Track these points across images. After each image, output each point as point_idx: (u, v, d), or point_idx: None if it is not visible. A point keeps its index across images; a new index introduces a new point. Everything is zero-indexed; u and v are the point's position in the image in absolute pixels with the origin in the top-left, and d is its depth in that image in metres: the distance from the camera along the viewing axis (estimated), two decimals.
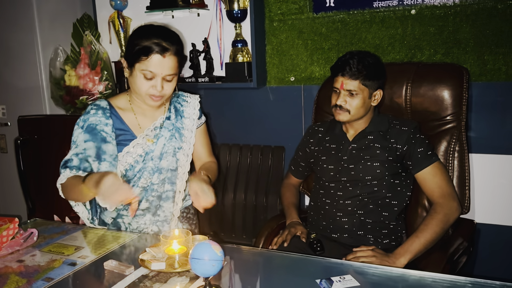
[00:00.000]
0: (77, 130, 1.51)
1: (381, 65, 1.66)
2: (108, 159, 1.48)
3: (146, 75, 1.43)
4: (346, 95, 1.62)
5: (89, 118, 1.50)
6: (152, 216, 1.58)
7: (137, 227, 1.59)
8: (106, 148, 1.49)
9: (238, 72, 2.33)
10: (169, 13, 2.50)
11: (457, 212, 1.57)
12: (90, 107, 1.54)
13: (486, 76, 1.96)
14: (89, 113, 1.51)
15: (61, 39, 2.68)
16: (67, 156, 1.47)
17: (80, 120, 1.52)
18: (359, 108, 1.63)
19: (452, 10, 1.97)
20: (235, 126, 2.55)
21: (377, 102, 1.66)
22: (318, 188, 1.78)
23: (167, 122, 1.58)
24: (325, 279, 1.09)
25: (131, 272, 1.16)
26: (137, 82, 1.45)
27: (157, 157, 1.55)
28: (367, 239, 1.64)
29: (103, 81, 2.50)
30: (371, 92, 1.63)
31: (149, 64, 1.41)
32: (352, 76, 1.59)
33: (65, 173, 1.43)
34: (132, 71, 1.46)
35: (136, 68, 1.43)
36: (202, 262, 0.99)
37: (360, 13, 2.14)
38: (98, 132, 1.49)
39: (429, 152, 1.61)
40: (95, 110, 1.52)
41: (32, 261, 1.26)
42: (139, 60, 1.42)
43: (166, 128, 1.57)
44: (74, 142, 1.50)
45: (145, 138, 1.54)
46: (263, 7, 2.34)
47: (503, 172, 1.99)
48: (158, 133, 1.56)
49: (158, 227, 1.60)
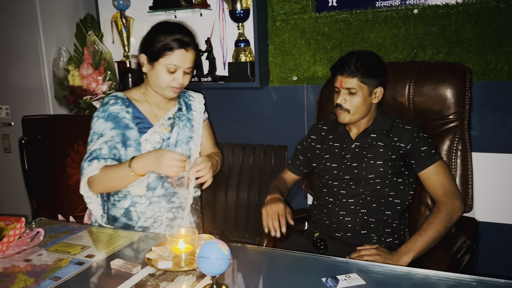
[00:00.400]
0: (98, 120, 1.54)
1: (380, 62, 1.67)
2: (133, 144, 1.54)
3: (170, 69, 1.52)
4: (345, 94, 1.63)
5: (109, 107, 1.54)
6: (167, 203, 1.63)
7: (152, 215, 1.61)
8: (130, 134, 1.54)
9: (241, 72, 2.33)
10: (172, 13, 2.51)
11: (460, 210, 1.57)
12: (107, 98, 1.57)
13: (489, 75, 1.96)
14: (108, 103, 1.55)
15: (64, 39, 2.69)
16: (91, 148, 1.50)
17: (99, 112, 1.55)
18: (359, 106, 1.63)
19: (455, 10, 1.97)
20: (238, 125, 2.56)
21: (378, 100, 1.67)
22: (321, 187, 1.78)
23: (179, 113, 1.69)
24: (330, 277, 1.10)
25: (138, 271, 1.17)
26: (160, 75, 1.54)
27: (173, 144, 1.64)
28: (370, 237, 1.64)
29: (106, 81, 2.51)
30: (371, 89, 1.63)
31: (174, 58, 1.51)
32: (351, 74, 1.61)
33: (93, 165, 1.47)
34: (154, 65, 1.54)
35: (160, 62, 1.52)
36: (209, 260, 1.00)
37: (363, 13, 2.15)
38: (121, 119, 1.54)
39: (432, 151, 1.62)
40: (114, 100, 1.56)
41: (39, 260, 1.27)
42: (164, 55, 1.51)
43: (179, 118, 1.67)
44: (96, 133, 1.52)
45: (161, 126, 1.62)
46: (265, 7, 2.35)
47: (505, 170, 2.00)
48: (172, 123, 1.65)
49: (173, 214, 1.65)
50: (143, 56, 1.56)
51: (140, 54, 1.57)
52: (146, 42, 1.56)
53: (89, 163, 1.48)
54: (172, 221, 1.65)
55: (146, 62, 1.56)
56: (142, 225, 1.61)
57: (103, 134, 1.51)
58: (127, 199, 1.59)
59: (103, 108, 1.55)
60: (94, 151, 1.49)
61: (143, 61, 1.57)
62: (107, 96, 1.59)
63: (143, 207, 1.60)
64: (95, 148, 1.50)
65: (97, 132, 1.52)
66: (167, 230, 1.63)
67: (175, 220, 1.66)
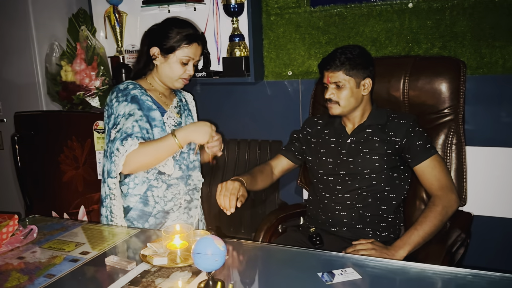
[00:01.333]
0: (121, 104, 1.54)
1: (366, 55, 1.67)
2: (158, 124, 1.58)
3: (184, 61, 1.60)
4: (333, 88, 1.64)
5: (130, 91, 1.56)
6: (185, 186, 1.68)
7: (172, 198, 1.64)
8: (154, 115, 1.58)
9: (236, 67, 2.32)
10: (165, 7, 2.49)
11: (455, 204, 1.58)
12: (124, 84, 1.59)
13: (483, 69, 1.97)
14: (128, 88, 1.57)
15: (57, 34, 2.67)
16: (122, 127, 1.49)
17: (119, 96, 1.55)
18: (348, 98, 1.64)
19: (449, 4, 1.97)
20: (233, 120, 2.55)
21: (367, 91, 1.67)
22: (316, 182, 1.78)
23: (181, 103, 1.76)
24: (326, 272, 1.10)
25: (133, 268, 1.16)
26: (174, 67, 1.61)
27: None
28: (366, 232, 1.65)
29: (99, 77, 2.49)
30: (358, 81, 1.63)
31: (189, 51, 1.60)
32: (336, 68, 1.62)
33: (128, 142, 1.46)
34: (168, 57, 1.60)
35: (176, 54, 1.59)
36: (205, 256, 1.00)
37: (358, 7, 2.14)
38: (144, 101, 1.57)
39: (428, 145, 1.62)
40: (132, 85, 1.59)
41: (33, 257, 1.26)
42: (179, 47, 1.59)
43: (182, 107, 1.75)
44: (123, 114, 1.52)
45: (173, 112, 1.67)
46: (260, 1, 2.34)
47: (499, 164, 2.01)
48: (179, 110, 1.72)
49: (190, 196, 1.70)
50: (155, 49, 1.61)
51: (152, 47, 1.61)
52: (159, 36, 1.60)
53: (123, 141, 1.47)
54: (189, 203, 1.71)
55: (159, 55, 1.61)
56: (162, 209, 1.62)
57: (131, 114, 1.52)
58: (144, 183, 1.59)
59: (122, 92, 1.56)
60: (125, 130, 1.49)
61: (155, 53, 1.61)
62: (120, 84, 1.60)
63: (160, 191, 1.61)
64: (126, 126, 1.49)
65: (123, 114, 1.52)
66: (185, 213, 1.69)
67: (192, 202, 1.72)
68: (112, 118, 1.54)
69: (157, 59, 1.62)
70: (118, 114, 1.53)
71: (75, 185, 2.31)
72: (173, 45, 1.59)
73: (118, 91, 1.57)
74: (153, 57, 1.62)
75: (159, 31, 1.62)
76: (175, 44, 1.59)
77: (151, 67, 1.66)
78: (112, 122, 1.54)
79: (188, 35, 1.60)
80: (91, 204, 2.27)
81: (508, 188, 2.00)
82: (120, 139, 1.48)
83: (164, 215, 1.63)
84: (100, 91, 2.48)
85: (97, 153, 2.26)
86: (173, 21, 1.65)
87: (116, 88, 1.59)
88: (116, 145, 1.48)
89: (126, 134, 1.48)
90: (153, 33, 1.64)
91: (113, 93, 1.58)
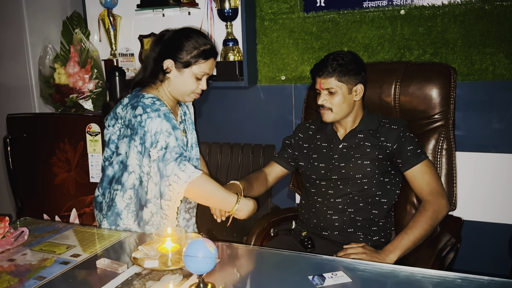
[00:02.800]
0: (155, 120, 1.44)
1: (358, 61, 1.69)
2: (180, 144, 1.50)
3: (199, 76, 1.54)
4: (326, 94, 1.65)
5: (160, 108, 1.47)
6: (185, 205, 1.65)
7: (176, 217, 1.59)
8: (177, 134, 1.50)
9: (229, 71, 2.33)
10: (160, 11, 2.50)
11: (445, 209, 1.59)
12: (149, 99, 1.48)
13: (474, 75, 1.99)
14: (155, 104, 1.48)
15: (51, 37, 2.66)
16: (169, 147, 1.42)
17: (150, 112, 1.45)
18: (341, 105, 1.65)
19: (441, 11, 2.00)
20: (226, 124, 2.56)
21: (359, 97, 1.68)
22: (308, 186, 1.79)
23: (185, 117, 1.70)
24: (317, 275, 1.11)
25: (124, 270, 1.17)
26: (188, 82, 1.54)
27: (190, 148, 1.66)
28: (357, 236, 1.66)
29: (93, 79, 2.49)
30: (350, 87, 1.65)
31: (206, 67, 1.54)
32: (328, 75, 1.63)
33: (188, 167, 1.40)
34: (183, 72, 1.53)
35: (192, 69, 1.53)
36: (196, 259, 1.00)
37: (350, 13, 2.16)
38: (171, 119, 1.50)
39: (419, 150, 1.64)
40: (157, 100, 1.50)
41: (24, 260, 1.25)
42: (197, 63, 1.52)
43: (186, 122, 1.69)
44: (160, 131, 1.43)
45: (180, 131, 1.60)
46: (254, 6, 2.35)
47: (489, 170, 2.03)
48: (184, 126, 1.67)
49: (189, 214, 1.68)
50: (170, 61, 1.52)
51: (166, 59, 1.52)
52: (174, 48, 1.52)
53: (180, 165, 1.40)
54: (188, 221, 1.68)
55: (174, 68, 1.53)
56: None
57: (170, 132, 1.45)
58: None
59: (151, 108, 1.46)
60: (172, 149, 1.42)
61: (169, 66, 1.53)
62: (144, 98, 1.49)
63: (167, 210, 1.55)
64: (173, 145, 1.43)
65: (161, 131, 1.44)
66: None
67: (190, 220, 1.69)
68: (147, 136, 1.44)
69: (170, 72, 1.54)
70: (155, 132, 1.43)
71: (67, 187, 2.30)
72: (190, 60, 1.51)
73: (145, 106, 1.46)
74: (166, 70, 1.53)
75: (174, 43, 1.53)
76: (192, 59, 1.51)
77: (161, 79, 1.56)
78: (149, 139, 1.43)
79: (206, 50, 1.53)
80: (83, 207, 2.26)
81: (498, 193, 2.02)
82: (176, 163, 1.40)
83: None
84: (93, 94, 2.48)
85: (90, 155, 2.25)
86: (189, 32, 1.56)
87: (141, 103, 1.47)
88: (172, 168, 1.40)
89: (177, 155, 1.41)
90: (167, 43, 1.55)
91: (137, 107, 1.47)
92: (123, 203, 1.53)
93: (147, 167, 1.46)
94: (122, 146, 1.53)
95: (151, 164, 1.44)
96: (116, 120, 1.54)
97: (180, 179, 1.39)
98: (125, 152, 1.52)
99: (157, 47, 1.56)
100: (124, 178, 1.52)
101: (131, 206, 1.53)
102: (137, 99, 1.49)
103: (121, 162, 1.54)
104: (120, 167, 1.55)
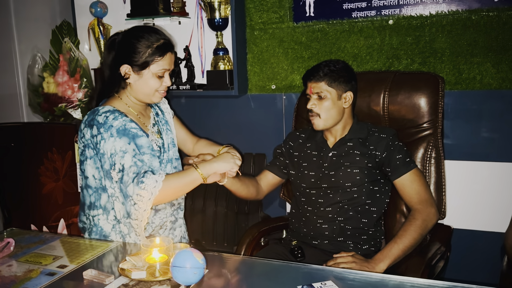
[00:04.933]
0: (108, 141, 1.40)
1: (349, 69, 1.72)
2: (147, 151, 1.46)
3: (159, 74, 1.49)
4: (315, 99, 1.67)
5: (111, 124, 1.42)
6: (170, 207, 1.61)
7: (159, 223, 1.57)
8: (141, 142, 1.45)
9: (220, 80, 2.33)
10: (150, 21, 2.50)
11: (435, 218, 1.60)
12: (102, 116, 1.43)
13: (461, 84, 2.01)
14: (108, 121, 1.42)
15: (40, 46, 2.65)
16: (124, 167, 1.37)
17: (102, 133, 1.41)
18: (329, 110, 1.66)
19: (428, 21, 2.02)
20: (217, 133, 2.55)
21: (348, 105, 1.69)
22: (299, 195, 1.79)
23: (158, 118, 1.66)
24: (306, 285, 1.10)
25: (111, 281, 1.15)
26: (150, 82, 1.50)
27: (167, 149, 1.62)
28: (347, 245, 1.65)
29: (82, 88, 2.48)
30: (340, 93, 1.66)
31: (164, 63, 1.49)
32: (319, 79, 1.65)
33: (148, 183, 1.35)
34: (142, 74, 1.48)
35: (150, 69, 1.48)
36: (184, 270, 0.99)
37: (339, 23, 2.18)
38: (128, 130, 1.43)
39: (407, 159, 1.64)
40: (111, 113, 1.44)
41: (9, 271, 1.23)
42: (154, 61, 1.47)
43: (160, 123, 1.65)
44: (115, 153, 1.39)
45: (153, 134, 1.59)
46: (244, 16, 2.36)
47: (477, 178, 2.04)
48: (158, 129, 1.62)
49: (174, 216, 1.64)
50: (126, 67, 1.47)
51: (122, 66, 1.47)
52: (127, 51, 1.47)
53: (139, 184, 1.35)
54: (174, 223, 1.65)
55: (132, 72, 1.48)
56: (149, 234, 1.55)
57: (125, 151, 1.39)
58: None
59: (104, 127, 1.41)
60: (129, 170, 1.37)
61: (127, 72, 1.48)
62: (97, 115, 1.44)
63: (150, 217, 1.54)
64: (129, 165, 1.38)
65: (115, 152, 1.39)
66: (170, 234, 1.63)
67: (176, 222, 1.66)
68: (104, 158, 1.41)
69: (130, 77, 1.49)
70: (110, 154, 1.40)
71: (55, 197, 2.28)
72: (146, 60, 1.46)
73: (98, 125, 1.42)
74: (125, 76, 1.48)
75: (126, 46, 1.47)
76: (148, 59, 1.46)
77: (123, 86, 1.52)
78: (107, 162, 1.41)
79: (159, 46, 1.47)
80: (71, 217, 2.23)
81: (487, 201, 2.04)
82: (134, 183, 1.35)
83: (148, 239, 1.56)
84: (82, 103, 2.47)
85: (78, 165, 2.24)
86: (139, 32, 1.49)
87: (96, 122, 1.43)
88: (132, 189, 1.35)
89: (135, 175, 1.36)
90: (119, 48, 1.49)
91: (92, 127, 1.43)
92: (109, 225, 1.52)
93: (111, 189, 1.46)
94: (88, 169, 1.50)
95: (114, 185, 1.44)
96: (81, 139, 1.49)
97: (143, 197, 1.36)
98: (92, 175, 1.49)
99: (111, 53, 1.51)
100: (103, 200, 1.50)
101: (117, 227, 1.52)
102: (92, 116, 1.45)
103: (89, 186, 1.51)
104: (88, 191, 1.52)
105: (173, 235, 1.65)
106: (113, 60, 1.50)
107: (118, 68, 1.48)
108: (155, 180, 1.36)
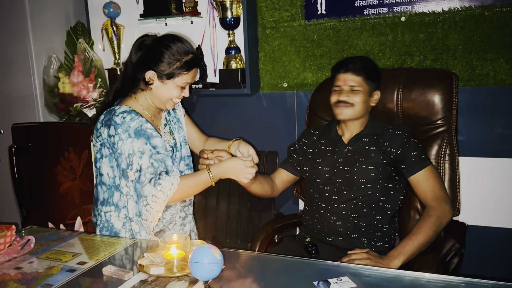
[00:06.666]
0: (126, 142, 1.43)
1: (378, 68, 1.76)
2: (161, 151, 1.48)
3: (182, 86, 1.54)
4: (348, 92, 1.66)
5: (129, 125, 1.44)
6: (180, 203, 1.65)
7: (170, 218, 1.61)
8: (156, 142, 1.48)
9: (232, 79, 2.35)
10: (162, 20, 2.52)
11: (449, 215, 1.60)
12: (119, 117, 1.45)
13: (475, 81, 2.00)
14: (125, 121, 1.45)
15: (55, 47, 2.69)
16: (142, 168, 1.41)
17: (121, 133, 1.44)
18: (362, 104, 1.67)
19: (441, 17, 2.01)
20: (229, 132, 2.56)
21: (375, 103, 1.71)
22: (312, 192, 1.80)
23: (169, 117, 1.70)
24: (322, 281, 1.11)
25: (130, 277, 1.17)
26: (171, 92, 1.53)
27: (179, 147, 1.66)
28: (361, 242, 1.66)
29: (97, 88, 2.51)
30: (371, 91, 1.68)
31: (189, 77, 1.53)
32: (356, 72, 1.66)
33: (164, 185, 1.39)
34: (166, 83, 1.52)
35: (175, 81, 1.52)
36: (202, 265, 1.01)
37: (351, 21, 2.18)
38: (144, 131, 1.46)
39: (422, 156, 1.64)
40: (128, 114, 1.46)
41: (30, 268, 1.26)
42: (180, 74, 1.51)
43: (172, 122, 1.69)
44: (133, 153, 1.42)
45: (166, 134, 1.63)
46: (255, 14, 2.37)
47: (491, 174, 2.03)
48: (170, 129, 1.67)
49: (184, 212, 1.68)
50: (151, 73, 1.50)
51: (148, 71, 1.50)
52: (155, 59, 1.49)
53: (156, 185, 1.39)
54: (184, 219, 1.69)
55: (156, 79, 1.51)
56: (159, 229, 1.59)
57: (142, 151, 1.42)
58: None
59: (121, 128, 1.44)
60: (146, 171, 1.40)
61: (151, 77, 1.51)
62: (115, 115, 1.46)
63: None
64: (147, 166, 1.41)
65: (133, 152, 1.42)
66: (181, 230, 1.66)
67: (186, 218, 1.70)
68: (122, 158, 1.44)
69: (154, 83, 1.52)
70: (128, 154, 1.43)
71: (71, 196, 2.31)
72: (173, 72, 1.50)
73: (116, 125, 1.45)
74: (149, 81, 1.52)
75: (155, 52, 1.50)
76: (175, 71, 1.50)
77: (143, 88, 1.55)
78: (124, 162, 1.44)
79: (188, 61, 1.50)
80: (87, 215, 2.27)
81: (501, 197, 2.02)
82: (151, 184, 1.39)
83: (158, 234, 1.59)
84: (97, 103, 2.50)
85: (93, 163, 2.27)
86: (170, 42, 1.51)
87: (113, 122, 1.45)
88: (149, 190, 1.39)
89: (152, 176, 1.40)
90: (147, 51, 1.52)
91: (110, 126, 1.46)
92: (120, 222, 1.56)
93: (126, 188, 1.49)
94: (103, 167, 1.54)
95: (129, 184, 1.46)
96: (97, 138, 1.52)
97: (158, 199, 1.40)
98: (107, 173, 1.54)
99: (137, 54, 1.53)
100: (115, 198, 1.54)
101: (127, 225, 1.56)
102: (109, 116, 1.47)
103: (103, 183, 1.56)
104: (102, 188, 1.56)
105: (183, 230, 1.69)
106: (139, 62, 1.52)
107: (142, 71, 1.51)
108: (171, 183, 1.40)
